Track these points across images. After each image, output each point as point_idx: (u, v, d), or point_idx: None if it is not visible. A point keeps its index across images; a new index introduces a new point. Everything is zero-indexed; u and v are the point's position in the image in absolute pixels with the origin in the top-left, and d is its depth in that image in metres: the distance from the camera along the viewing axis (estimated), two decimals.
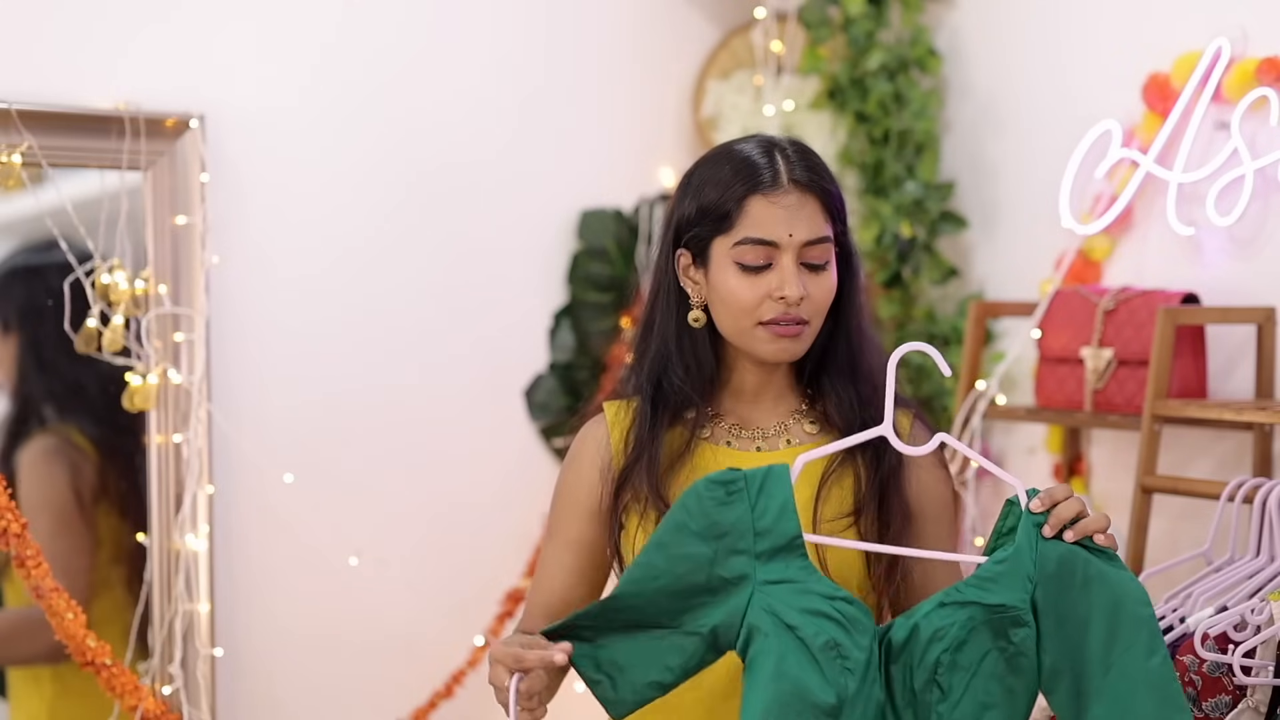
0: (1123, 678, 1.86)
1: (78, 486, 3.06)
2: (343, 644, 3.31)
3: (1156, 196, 3.00)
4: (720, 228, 2.07)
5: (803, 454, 1.96)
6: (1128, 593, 1.88)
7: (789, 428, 2.15)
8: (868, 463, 2.09)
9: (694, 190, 2.11)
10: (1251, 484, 2.44)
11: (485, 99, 3.48)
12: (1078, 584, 1.89)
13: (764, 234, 2.05)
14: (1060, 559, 1.89)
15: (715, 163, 2.11)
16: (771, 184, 2.05)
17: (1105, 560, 1.89)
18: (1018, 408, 3.16)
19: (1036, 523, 1.90)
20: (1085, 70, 3.19)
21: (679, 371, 2.12)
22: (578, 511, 2.15)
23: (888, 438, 2.00)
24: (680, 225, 2.12)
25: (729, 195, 2.06)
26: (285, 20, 3.25)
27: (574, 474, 2.17)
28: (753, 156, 2.07)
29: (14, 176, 2.82)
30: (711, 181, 2.09)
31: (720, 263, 2.08)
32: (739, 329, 2.09)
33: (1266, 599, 2.23)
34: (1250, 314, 2.79)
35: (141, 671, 2.99)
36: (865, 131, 3.45)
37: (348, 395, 3.32)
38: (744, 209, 2.05)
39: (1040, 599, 1.89)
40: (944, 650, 1.89)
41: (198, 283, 3.05)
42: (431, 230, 3.42)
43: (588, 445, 2.17)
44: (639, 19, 3.69)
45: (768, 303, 2.05)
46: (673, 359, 2.13)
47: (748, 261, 2.05)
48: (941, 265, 3.43)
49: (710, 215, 2.07)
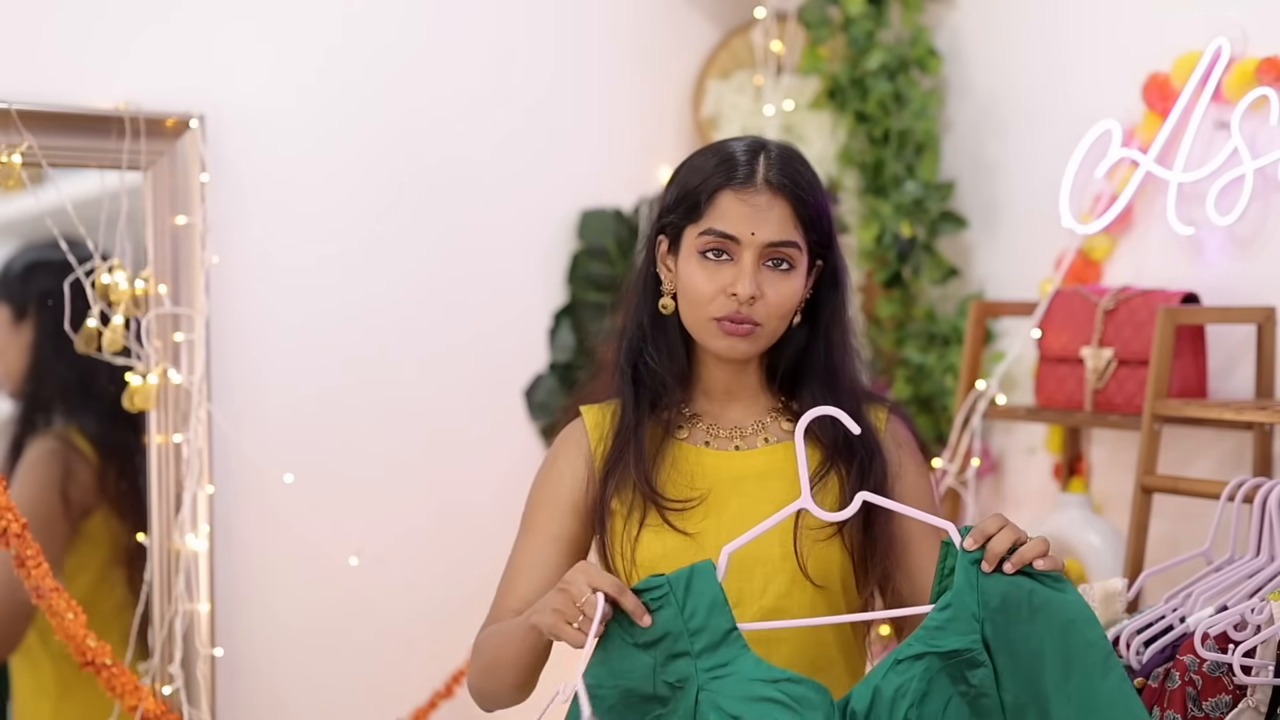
0: (1085, 705, 1.84)
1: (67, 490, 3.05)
2: (343, 644, 3.31)
3: (1156, 196, 3.01)
4: (691, 216, 2.11)
5: (727, 545, 1.93)
6: (1075, 616, 1.86)
7: (766, 426, 2.17)
8: (852, 471, 2.10)
9: (679, 178, 2.15)
10: (1252, 484, 2.44)
11: (485, 99, 3.48)
12: (1025, 615, 1.87)
13: (726, 227, 2.07)
14: (1004, 593, 1.87)
15: (704, 154, 2.15)
16: (744, 181, 2.07)
17: (1051, 585, 1.87)
18: (1018, 407, 3.16)
19: (973, 559, 1.88)
20: (1085, 70, 3.19)
21: (652, 354, 2.15)
22: (561, 507, 2.16)
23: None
24: (662, 210, 2.16)
25: (704, 185, 2.09)
26: (286, 21, 3.25)
27: (555, 471, 2.18)
28: (736, 153, 2.11)
29: (14, 176, 2.82)
30: (694, 170, 2.13)
31: (687, 251, 2.11)
32: (694, 320, 2.11)
33: (1266, 598, 2.23)
34: (1250, 314, 2.79)
35: (142, 671, 2.99)
36: (865, 131, 3.45)
37: (348, 395, 3.32)
38: (714, 200, 2.08)
39: (991, 636, 1.87)
40: (909, 706, 1.86)
41: (198, 283, 3.05)
42: (431, 230, 3.42)
43: (568, 444, 2.19)
44: (639, 19, 3.69)
45: (721, 298, 2.07)
46: (647, 342, 2.16)
47: (709, 253, 2.07)
48: (941, 265, 3.43)
49: (685, 202, 2.11)
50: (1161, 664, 2.26)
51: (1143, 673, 2.27)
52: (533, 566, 2.14)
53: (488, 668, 2.09)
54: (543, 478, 2.20)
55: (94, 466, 3.08)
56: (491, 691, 2.11)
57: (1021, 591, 1.87)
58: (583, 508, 2.15)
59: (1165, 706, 2.21)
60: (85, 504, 3.07)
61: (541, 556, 2.15)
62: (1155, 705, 2.22)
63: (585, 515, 2.16)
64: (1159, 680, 2.24)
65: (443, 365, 3.43)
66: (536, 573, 2.14)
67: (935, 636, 1.88)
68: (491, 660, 2.08)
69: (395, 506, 3.37)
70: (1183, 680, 2.21)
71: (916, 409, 3.46)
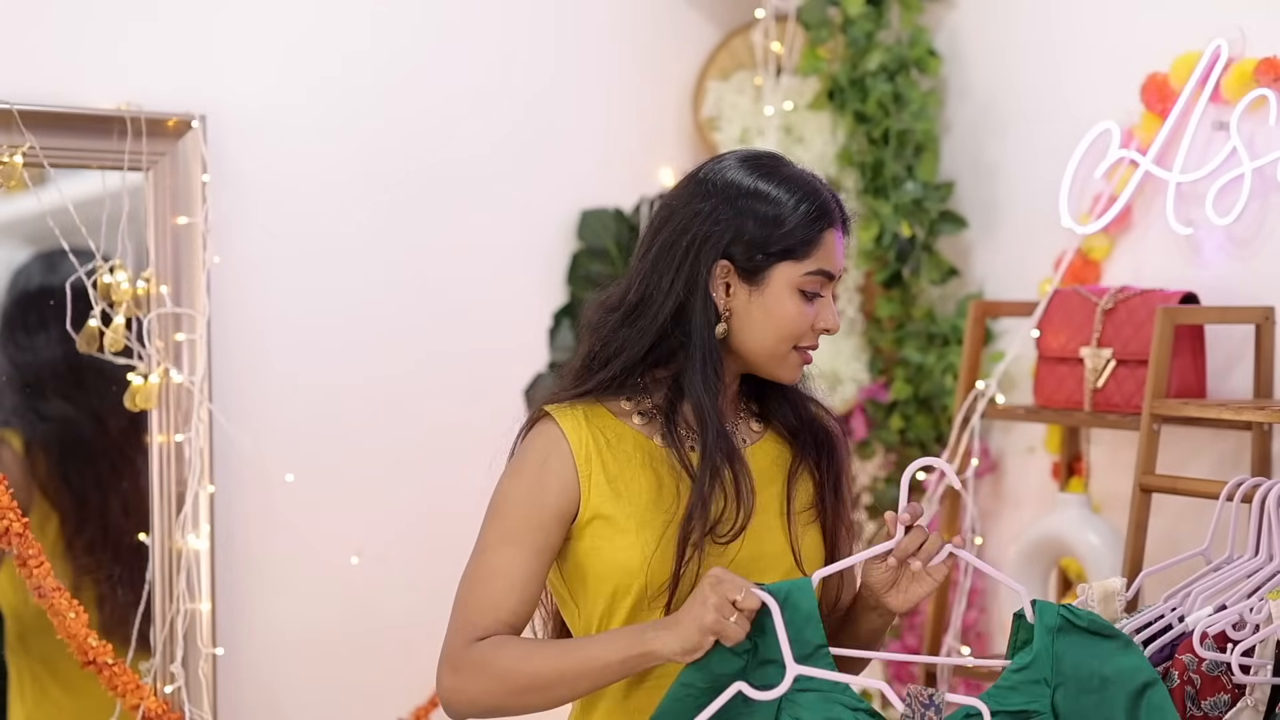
0: None
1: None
2: (343, 644, 3.31)
3: (1155, 196, 3.01)
4: (794, 254, 2.09)
5: (818, 571, 2.03)
6: (1143, 682, 1.97)
7: (738, 429, 2.19)
8: (819, 467, 2.19)
9: (757, 212, 2.09)
10: (1251, 483, 2.45)
11: (485, 99, 3.49)
12: (1095, 686, 1.97)
13: (832, 267, 2.12)
14: (1076, 661, 1.96)
15: (785, 188, 2.11)
16: (842, 220, 2.14)
17: (1119, 648, 1.97)
18: (1017, 407, 3.17)
19: (1052, 626, 1.97)
20: (1084, 70, 3.20)
21: (700, 380, 2.10)
22: (546, 519, 2.09)
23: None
24: (734, 239, 2.09)
25: (810, 226, 2.10)
26: (286, 21, 3.25)
27: (539, 481, 2.11)
28: (821, 191, 2.13)
29: (16, 177, 2.82)
30: (783, 206, 2.09)
31: (781, 287, 2.10)
32: (773, 351, 2.12)
33: (1265, 598, 2.24)
34: (1249, 314, 2.79)
35: (143, 671, 2.99)
36: (865, 132, 3.45)
37: (348, 395, 3.32)
38: (821, 240, 2.10)
39: (1061, 703, 1.96)
40: None
41: (199, 283, 3.05)
42: (431, 230, 3.42)
43: (549, 453, 2.12)
44: (639, 19, 3.69)
45: (809, 333, 2.12)
46: (700, 366, 2.10)
47: (810, 290, 2.11)
48: (941, 265, 3.43)
49: (784, 241, 2.09)
50: (1160, 663, 2.26)
51: None
52: (525, 582, 2.08)
53: (533, 686, 2.02)
54: (525, 486, 2.12)
55: (22, 465, 3.04)
56: (518, 707, 2.07)
57: (1094, 660, 1.97)
58: (566, 519, 2.11)
59: None
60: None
61: (529, 570, 2.09)
62: None
63: (566, 527, 2.11)
64: None
65: (443, 365, 3.44)
66: (530, 589, 2.08)
67: (1006, 695, 1.96)
68: (551, 678, 2.02)
69: (396, 506, 3.37)
70: (1181, 679, 2.21)
71: (916, 409, 3.46)
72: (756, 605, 1.93)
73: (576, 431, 2.12)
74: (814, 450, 2.20)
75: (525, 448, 2.16)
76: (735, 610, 1.92)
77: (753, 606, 1.92)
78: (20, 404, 3.02)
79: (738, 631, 1.92)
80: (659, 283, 2.11)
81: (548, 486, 2.11)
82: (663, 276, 2.10)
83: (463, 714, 2.10)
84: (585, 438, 2.11)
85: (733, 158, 2.16)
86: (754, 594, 1.93)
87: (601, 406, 2.14)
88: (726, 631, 1.92)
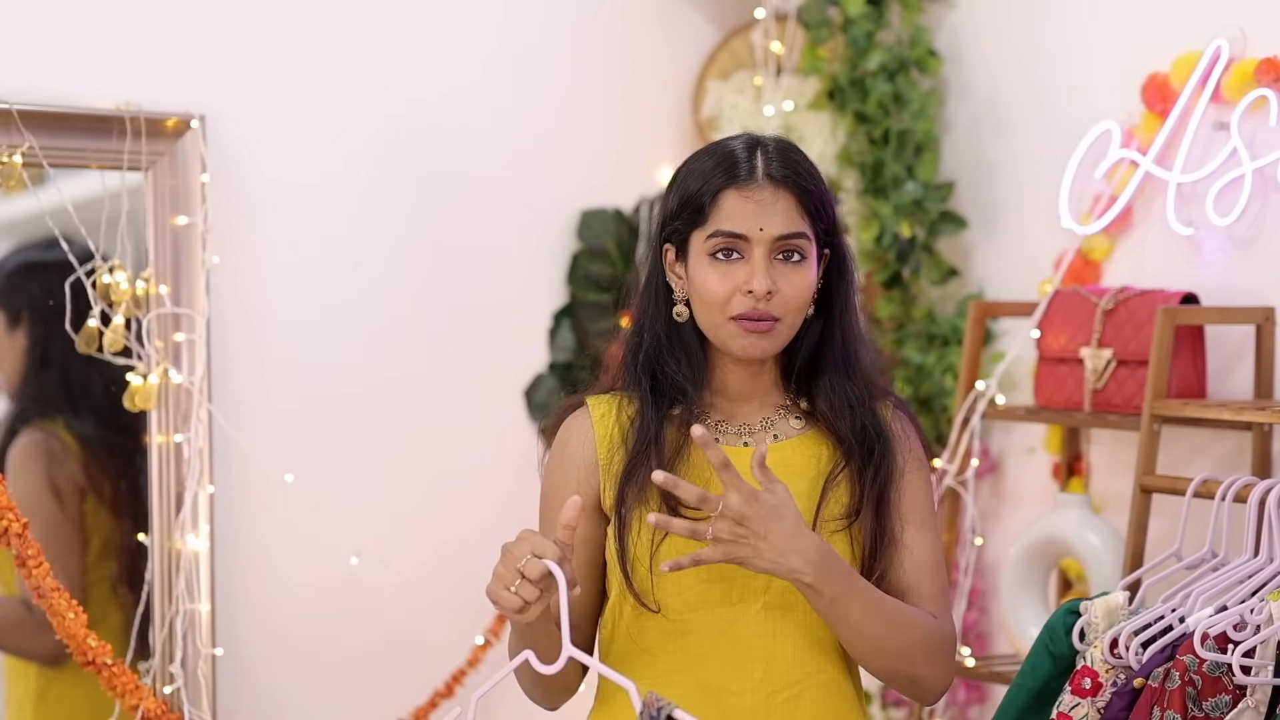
0: None
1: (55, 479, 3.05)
2: (343, 644, 3.31)
3: (1156, 196, 3.01)
4: (696, 220, 2.10)
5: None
6: None
7: (775, 423, 2.16)
8: (865, 474, 2.12)
9: (678, 184, 2.14)
10: (1243, 483, 2.45)
11: (485, 99, 3.48)
12: None
13: (735, 227, 2.07)
14: None
15: (700, 157, 2.15)
16: (746, 178, 2.07)
17: None
18: (1017, 408, 3.17)
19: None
20: (1085, 71, 3.19)
21: (672, 364, 2.13)
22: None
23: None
24: (665, 218, 2.15)
25: (705, 188, 2.09)
26: (286, 21, 3.25)
27: (561, 471, 2.16)
28: (734, 151, 2.10)
29: (15, 177, 2.82)
30: (693, 174, 2.12)
31: (696, 255, 2.11)
32: (712, 323, 2.11)
33: (1266, 598, 2.24)
34: (1249, 314, 2.79)
35: (142, 671, 2.99)
36: (865, 132, 3.45)
37: (348, 395, 3.32)
38: (717, 202, 2.08)
39: None
40: None
41: (198, 283, 3.05)
42: (431, 230, 3.42)
43: (573, 440, 2.17)
44: (639, 19, 3.69)
45: (737, 296, 2.07)
46: (664, 352, 2.14)
47: (719, 254, 2.07)
48: (941, 265, 3.43)
49: (689, 208, 2.11)
50: (1161, 664, 2.26)
51: (1142, 673, 2.27)
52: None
53: (519, 674, 2.09)
54: (550, 478, 2.18)
55: (79, 460, 3.08)
56: (538, 697, 2.15)
57: None
58: (590, 506, 2.13)
59: (1165, 707, 2.21)
60: (76, 497, 3.06)
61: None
62: (1155, 705, 2.22)
63: (595, 512, 2.14)
64: (1159, 680, 2.24)
65: (443, 365, 3.43)
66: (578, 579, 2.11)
67: None
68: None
69: (396, 506, 3.37)
70: (1182, 680, 2.21)
71: (917, 409, 3.46)
72: (541, 572, 1.88)
73: (604, 421, 2.15)
74: (861, 459, 2.12)
75: (557, 439, 2.20)
76: (519, 576, 1.89)
77: (537, 574, 1.88)
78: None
79: (514, 600, 1.89)
80: (645, 275, 2.19)
81: (569, 478, 2.15)
82: (644, 269, 2.19)
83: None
84: (612, 427, 2.14)
85: None
86: (536, 562, 1.88)
87: (637, 395, 2.17)
88: (501, 599, 1.90)
